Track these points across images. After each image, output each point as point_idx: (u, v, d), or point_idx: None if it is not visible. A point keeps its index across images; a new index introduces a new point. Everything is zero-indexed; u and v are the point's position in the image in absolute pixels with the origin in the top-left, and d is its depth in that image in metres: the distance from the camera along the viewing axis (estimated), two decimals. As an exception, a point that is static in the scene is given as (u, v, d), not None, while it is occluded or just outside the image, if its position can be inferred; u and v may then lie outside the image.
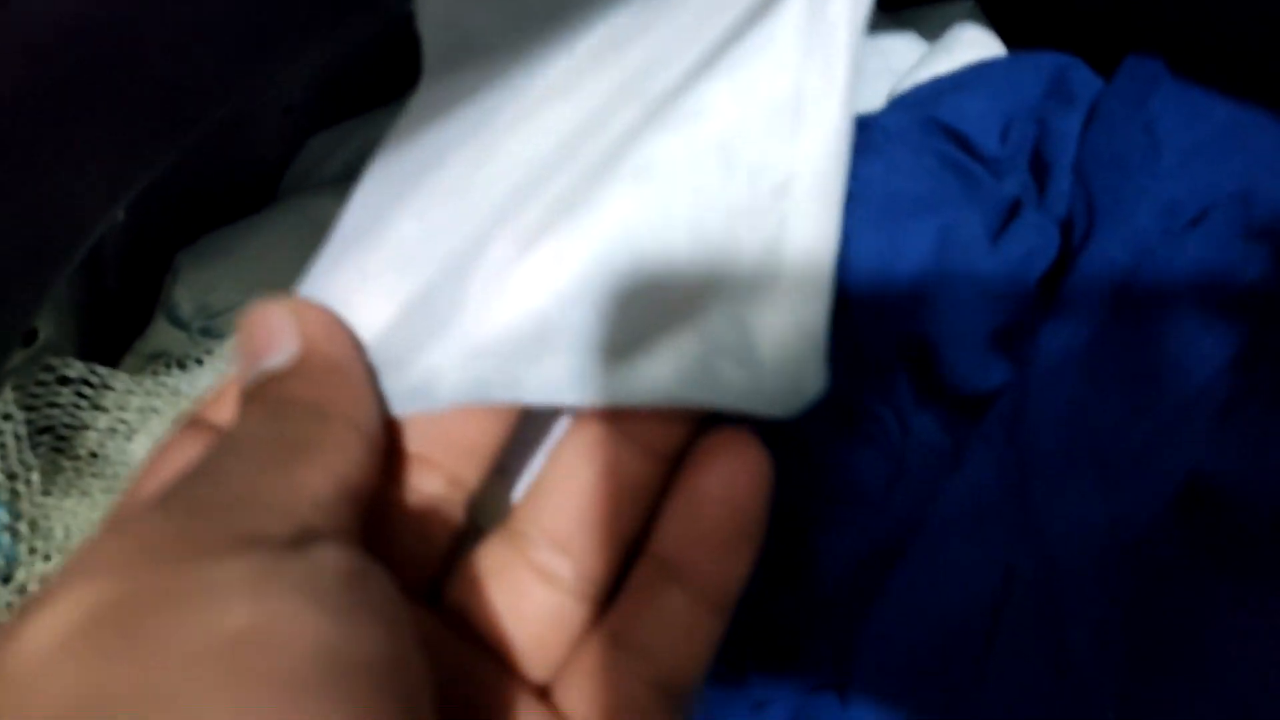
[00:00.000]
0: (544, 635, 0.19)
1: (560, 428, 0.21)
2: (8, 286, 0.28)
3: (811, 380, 0.19)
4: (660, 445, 0.19)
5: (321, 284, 0.21)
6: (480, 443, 0.20)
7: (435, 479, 0.20)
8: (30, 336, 0.33)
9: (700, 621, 0.19)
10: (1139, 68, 0.31)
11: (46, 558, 0.29)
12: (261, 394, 0.18)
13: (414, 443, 0.20)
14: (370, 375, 0.19)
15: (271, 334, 0.19)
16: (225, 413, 0.20)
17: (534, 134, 0.21)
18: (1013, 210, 0.29)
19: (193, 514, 0.15)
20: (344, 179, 0.38)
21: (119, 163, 0.29)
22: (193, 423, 0.20)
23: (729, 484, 0.19)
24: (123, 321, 0.37)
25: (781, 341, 0.19)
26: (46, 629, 0.13)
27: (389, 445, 0.19)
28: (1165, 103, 0.30)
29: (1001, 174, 0.29)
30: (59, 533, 0.29)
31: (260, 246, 0.36)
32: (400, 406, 0.19)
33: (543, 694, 0.19)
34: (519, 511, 0.20)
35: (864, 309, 0.26)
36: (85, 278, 0.36)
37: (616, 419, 0.19)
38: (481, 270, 0.20)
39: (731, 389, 0.19)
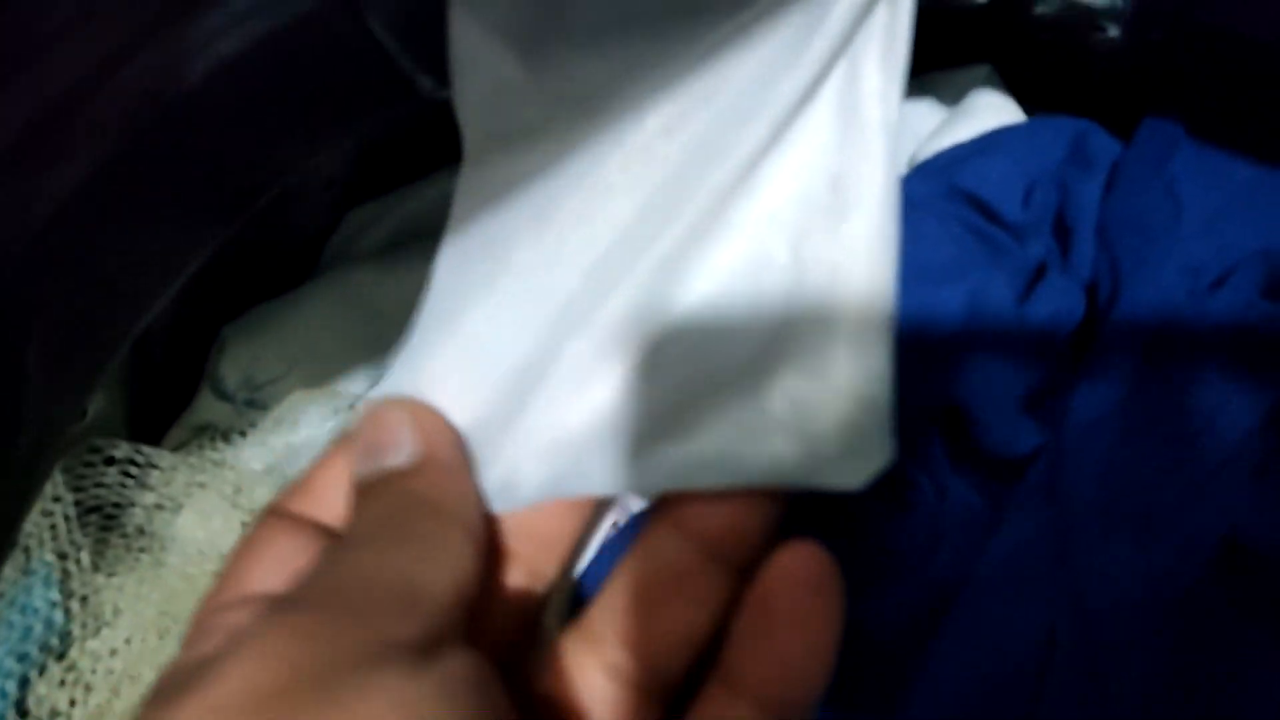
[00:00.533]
0: None
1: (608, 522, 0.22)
2: (66, 372, 0.29)
3: (877, 452, 0.19)
4: (732, 555, 0.19)
5: (403, 384, 0.22)
6: (560, 535, 0.21)
7: (518, 570, 0.21)
8: (79, 413, 0.34)
9: None
10: (1157, 130, 0.31)
11: (96, 633, 0.30)
12: (381, 490, 0.19)
13: (499, 533, 0.21)
14: (474, 478, 0.20)
15: (393, 432, 0.20)
16: (310, 506, 0.21)
17: (596, 232, 0.22)
18: (1037, 274, 0.29)
19: (333, 618, 0.16)
20: (383, 251, 0.40)
21: (173, 247, 0.30)
22: (276, 513, 0.21)
23: (801, 604, 0.18)
24: (169, 395, 0.38)
25: (841, 414, 0.19)
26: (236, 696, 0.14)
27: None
28: (1185, 164, 0.30)
29: (1025, 239, 0.29)
30: (108, 610, 0.29)
31: (304, 319, 0.37)
32: (487, 505, 0.20)
33: None
34: (593, 611, 0.20)
35: (897, 378, 0.26)
36: (133, 353, 0.37)
37: (685, 526, 0.20)
38: (557, 369, 0.21)
39: (789, 465, 0.19)
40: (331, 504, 0.21)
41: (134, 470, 0.30)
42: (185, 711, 0.15)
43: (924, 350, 0.26)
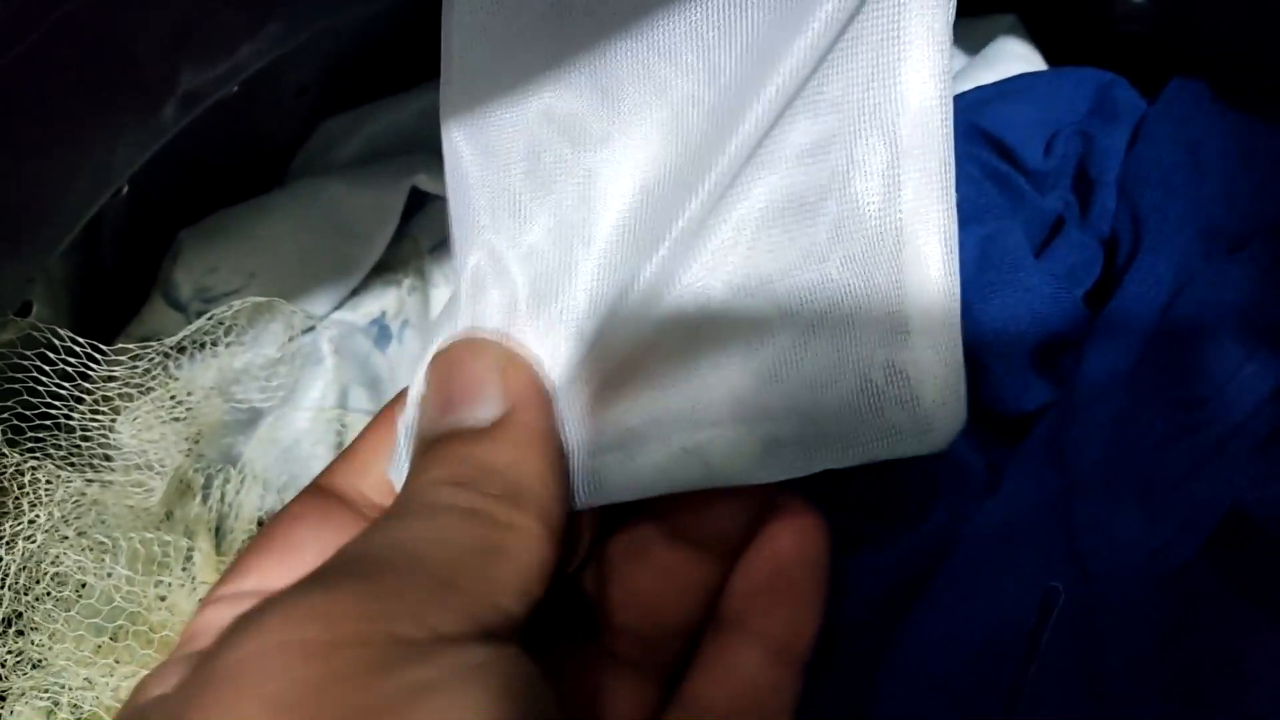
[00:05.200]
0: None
1: None
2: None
3: (960, 411, 0.18)
4: (719, 546, 0.19)
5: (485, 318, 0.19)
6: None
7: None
8: (25, 309, 0.31)
9: (777, 679, 0.19)
10: (1183, 89, 0.30)
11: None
12: (449, 452, 0.17)
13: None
14: (563, 453, 0.18)
15: (474, 383, 0.17)
16: (356, 479, 0.19)
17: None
18: (1054, 226, 0.28)
19: (390, 604, 0.14)
20: (356, 164, 0.37)
21: (113, 144, 0.27)
22: (316, 490, 0.19)
23: (797, 543, 0.19)
24: (118, 300, 0.35)
25: (935, 378, 0.18)
26: (253, 700, 0.12)
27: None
28: (1208, 127, 0.29)
29: (1044, 188, 0.28)
30: (25, 502, 0.27)
31: (266, 228, 0.34)
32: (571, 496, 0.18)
33: None
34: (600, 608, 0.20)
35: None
36: (81, 253, 0.34)
37: (672, 523, 0.19)
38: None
39: (905, 435, 0.18)
40: (382, 483, 0.19)
41: (71, 361, 0.27)
42: (236, 694, 0.12)
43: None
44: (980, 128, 0.28)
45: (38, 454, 0.27)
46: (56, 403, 0.27)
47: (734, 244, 0.19)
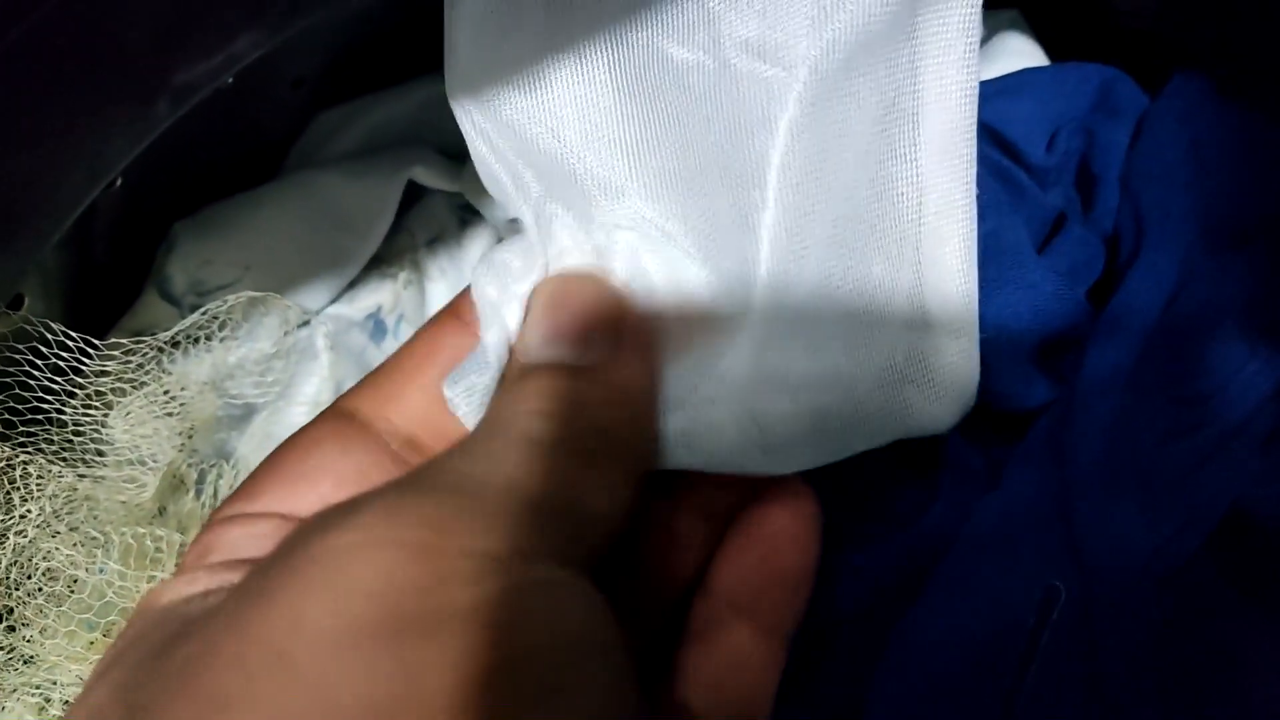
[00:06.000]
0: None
1: None
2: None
3: (972, 393, 0.19)
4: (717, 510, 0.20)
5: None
6: None
7: None
8: (17, 302, 0.31)
9: (766, 655, 0.19)
10: (1186, 85, 0.30)
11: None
12: (548, 387, 0.17)
13: None
14: (658, 405, 0.18)
15: (586, 320, 0.17)
16: (387, 409, 0.19)
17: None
18: (1056, 223, 0.28)
19: (486, 521, 0.14)
20: (351, 156, 0.37)
21: (106, 137, 0.27)
22: (340, 413, 0.19)
23: (790, 523, 0.19)
24: (112, 294, 0.35)
25: (952, 363, 0.19)
26: (356, 585, 0.13)
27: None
28: (1211, 122, 0.29)
29: (1046, 184, 0.28)
30: (16, 496, 0.26)
31: (262, 221, 0.34)
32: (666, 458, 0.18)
33: None
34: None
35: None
36: (74, 247, 0.34)
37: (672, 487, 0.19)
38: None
39: (920, 415, 0.19)
40: (412, 412, 0.19)
41: (64, 356, 0.27)
42: (261, 642, 0.13)
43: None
44: (983, 123, 0.27)
45: (29, 448, 0.26)
46: (49, 397, 0.27)
47: (784, 227, 0.19)
